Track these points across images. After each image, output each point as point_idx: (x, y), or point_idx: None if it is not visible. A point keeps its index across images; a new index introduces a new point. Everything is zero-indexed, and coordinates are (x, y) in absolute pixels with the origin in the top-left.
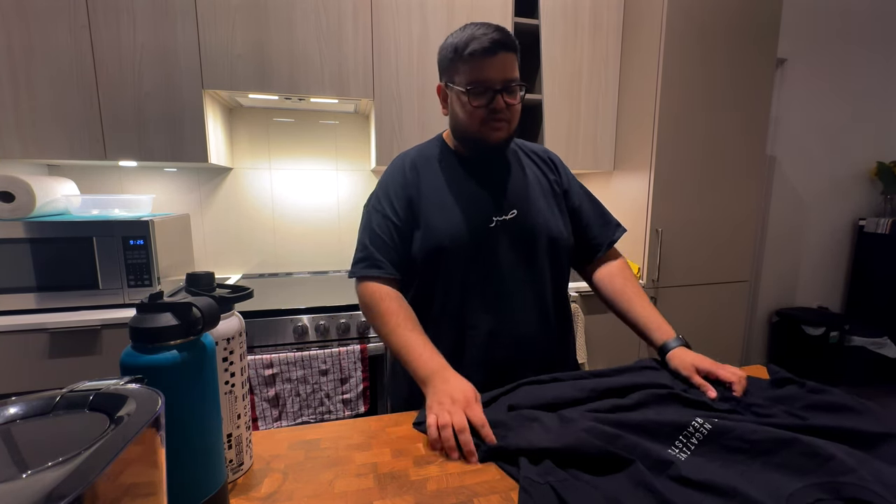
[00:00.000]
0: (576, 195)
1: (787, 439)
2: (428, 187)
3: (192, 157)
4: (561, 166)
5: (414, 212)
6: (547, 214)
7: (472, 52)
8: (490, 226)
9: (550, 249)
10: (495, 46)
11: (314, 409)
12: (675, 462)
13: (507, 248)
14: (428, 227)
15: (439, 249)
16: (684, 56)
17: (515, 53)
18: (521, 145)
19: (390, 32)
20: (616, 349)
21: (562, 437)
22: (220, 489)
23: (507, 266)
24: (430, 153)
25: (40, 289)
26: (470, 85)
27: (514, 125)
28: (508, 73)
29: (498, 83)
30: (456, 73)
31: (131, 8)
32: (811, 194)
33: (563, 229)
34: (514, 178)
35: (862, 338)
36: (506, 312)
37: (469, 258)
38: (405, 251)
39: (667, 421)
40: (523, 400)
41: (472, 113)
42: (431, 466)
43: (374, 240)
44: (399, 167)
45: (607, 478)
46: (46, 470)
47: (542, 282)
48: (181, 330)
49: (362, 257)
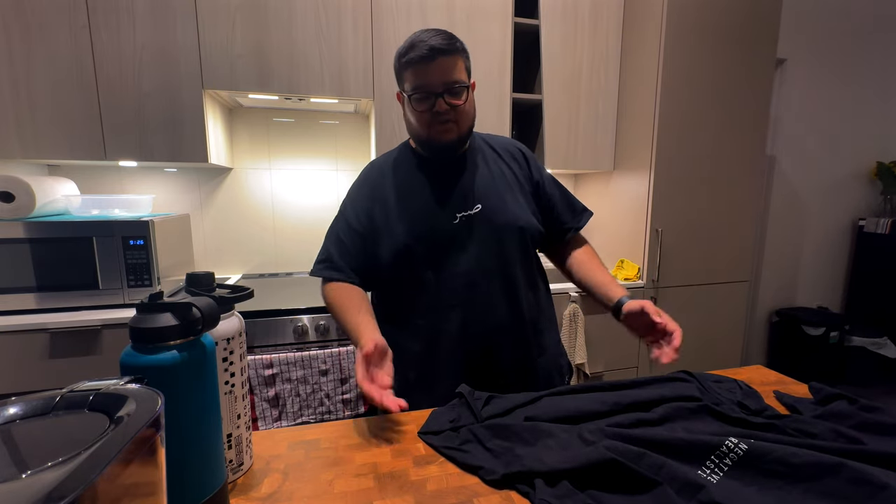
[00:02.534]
0: (547, 185)
1: (833, 464)
2: (393, 192)
3: (192, 158)
4: (530, 158)
5: (379, 219)
6: (513, 206)
7: (409, 60)
8: (454, 222)
9: (519, 240)
10: (433, 53)
11: (314, 409)
12: (705, 486)
13: (473, 242)
14: (394, 230)
15: (405, 249)
16: (684, 56)
17: (459, 55)
18: (488, 140)
19: (390, 32)
20: (616, 349)
21: (580, 456)
22: (220, 489)
23: (474, 260)
24: (396, 158)
25: (40, 289)
26: (412, 91)
27: (466, 125)
28: (448, 76)
29: (438, 87)
30: (403, 80)
31: (131, 8)
32: (811, 194)
33: (531, 219)
34: (477, 173)
35: (862, 338)
36: (476, 305)
37: (435, 256)
38: (366, 259)
39: (697, 439)
40: (542, 412)
41: (419, 117)
42: (431, 466)
43: (338, 245)
44: (367, 175)
45: (630, 501)
46: (46, 470)
47: (512, 272)
48: (181, 330)
49: (323, 258)
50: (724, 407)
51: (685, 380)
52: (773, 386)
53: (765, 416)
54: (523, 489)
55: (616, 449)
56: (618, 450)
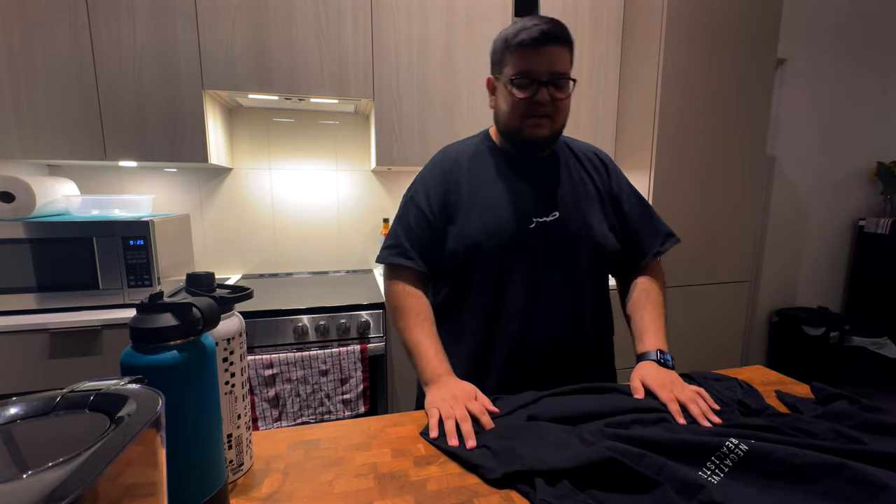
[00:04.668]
0: (626, 199)
1: (834, 465)
2: (468, 183)
3: (192, 158)
4: (611, 167)
5: (451, 209)
6: (591, 219)
7: (521, 42)
8: (530, 226)
9: (593, 255)
10: (544, 37)
11: (314, 410)
12: (705, 486)
13: (546, 250)
14: (465, 225)
15: (476, 247)
16: (684, 56)
17: (568, 47)
18: (571, 144)
19: (390, 32)
20: (616, 349)
21: (580, 456)
22: (220, 489)
23: (544, 269)
24: (473, 148)
25: (40, 289)
26: (515, 75)
27: (560, 122)
28: (556, 65)
29: (544, 74)
30: (504, 63)
31: (131, 8)
32: (811, 194)
33: (608, 235)
34: (559, 178)
35: (862, 338)
36: (539, 316)
37: (506, 258)
38: (436, 248)
39: (697, 440)
40: (543, 412)
41: (515, 104)
42: (431, 466)
43: (408, 231)
44: (440, 162)
45: (630, 501)
46: (47, 470)
47: (582, 287)
48: (181, 330)
49: (392, 244)
50: (725, 409)
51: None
52: (774, 386)
53: (765, 415)
54: (523, 489)
55: (616, 449)
56: (618, 450)
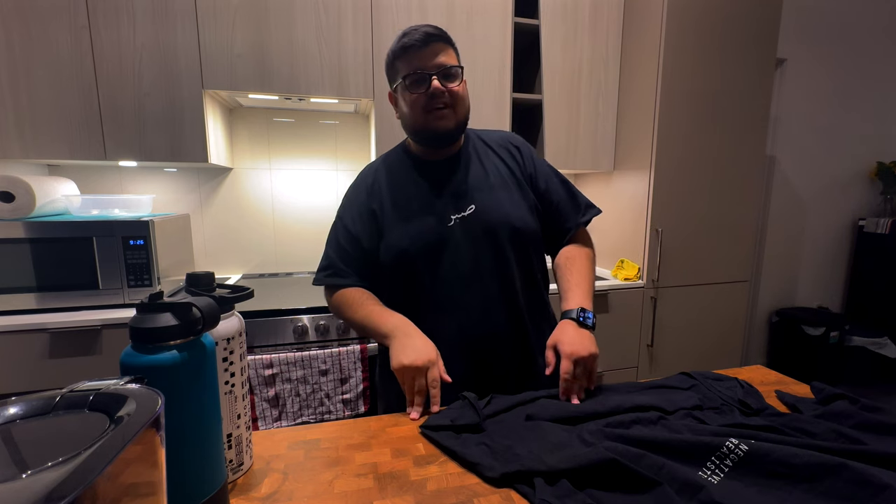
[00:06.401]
0: (542, 178)
1: (834, 465)
2: (389, 195)
3: (192, 157)
4: (524, 150)
5: (377, 223)
6: (507, 204)
7: (405, 46)
8: (449, 224)
9: (514, 239)
10: (427, 37)
11: (314, 409)
12: (706, 486)
13: (468, 244)
14: (391, 235)
15: (403, 254)
16: (684, 56)
17: (450, 45)
18: (481, 135)
19: (390, 32)
20: (616, 349)
21: (580, 456)
22: (220, 489)
23: (470, 262)
24: (391, 160)
25: (40, 289)
26: (407, 76)
27: (462, 112)
28: (443, 59)
29: (432, 68)
30: (397, 70)
31: (131, 8)
32: (811, 194)
33: (527, 217)
34: (471, 172)
35: (862, 338)
36: (474, 307)
37: (433, 259)
38: (367, 263)
39: (697, 440)
40: (542, 412)
41: (415, 102)
42: (431, 466)
43: (339, 251)
44: (363, 179)
45: (630, 501)
46: (46, 470)
47: (509, 273)
48: (181, 330)
49: (326, 265)
50: (724, 411)
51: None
52: (774, 386)
53: (765, 415)
54: (523, 489)
55: (616, 450)
56: (618, 450)
